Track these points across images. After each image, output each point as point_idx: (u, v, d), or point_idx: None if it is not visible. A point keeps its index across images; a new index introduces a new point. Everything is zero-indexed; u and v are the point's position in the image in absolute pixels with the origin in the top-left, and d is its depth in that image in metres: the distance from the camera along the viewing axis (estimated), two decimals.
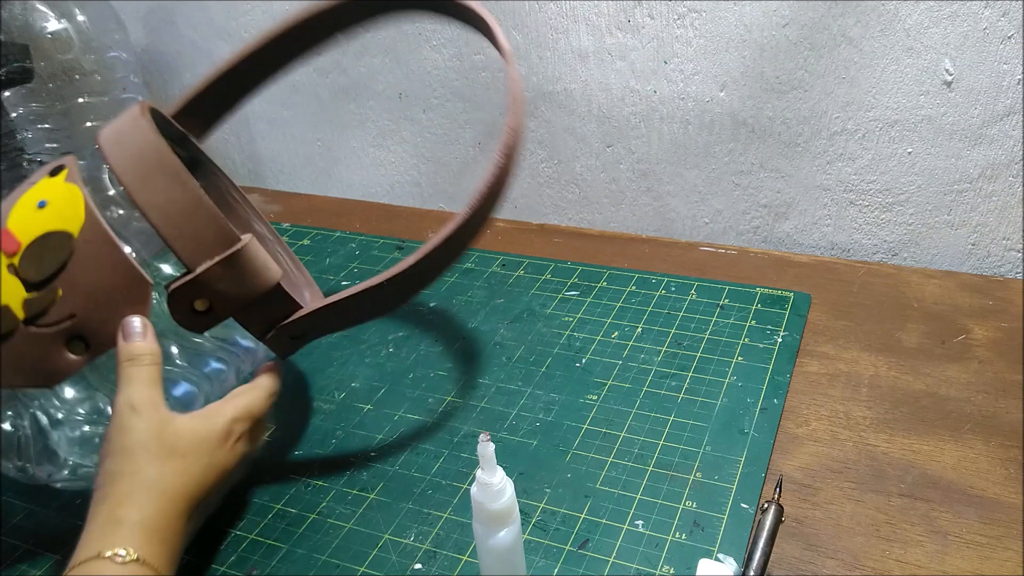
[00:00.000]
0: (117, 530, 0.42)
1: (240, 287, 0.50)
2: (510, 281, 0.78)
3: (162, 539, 0.43)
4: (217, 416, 0.49)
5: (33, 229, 0.49)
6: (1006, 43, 0.66)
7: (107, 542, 0.41)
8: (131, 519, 0.43)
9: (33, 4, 0.81)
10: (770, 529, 0.46)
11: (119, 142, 0.51)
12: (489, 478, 0.42)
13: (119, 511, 0.43)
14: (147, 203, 0.48)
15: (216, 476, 0.48)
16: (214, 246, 0.48)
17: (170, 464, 0.46)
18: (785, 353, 0.65)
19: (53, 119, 0.84)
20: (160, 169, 0.49)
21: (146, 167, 0.49)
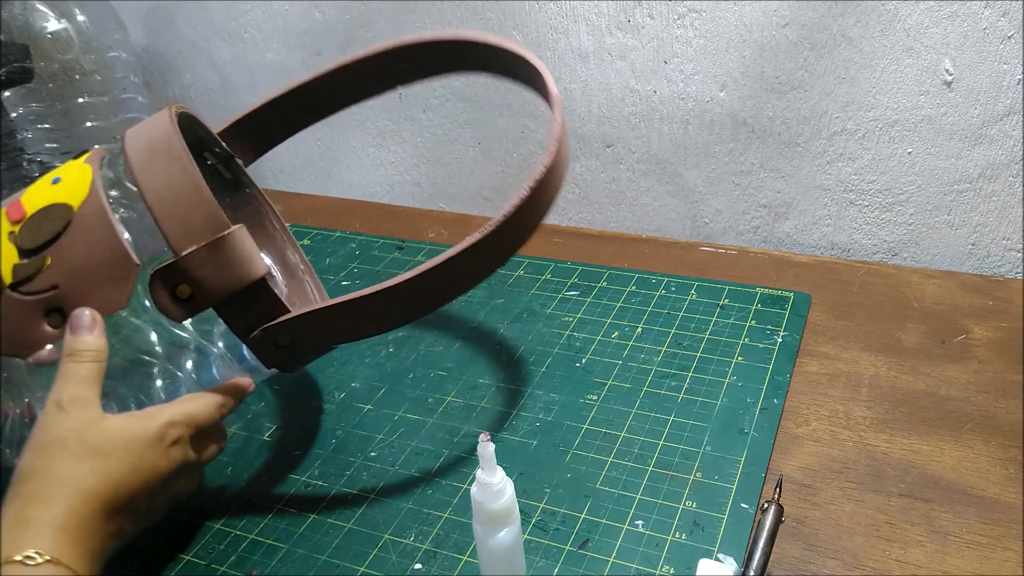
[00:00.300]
0: (27, 531, 0.41)
1: (223, 276, 0.49)
2: (510, 281, 0.78)
3: (75, 539, 0.42)
4: (152, 418, 0.48)
5: (40, 201, 0.50)
6: (1006, 43, 0.66)
7: (16, 544, 0.40)
8: (40, 519, 0.41)
9: (33, 4, 0.81)
10: (770, 529, 0.46)
11: (138, 133, 0.52)
12: (489, 478, 0.42)
13: (28, 510, 0.42)
14: (146, 183, 0.49)
15: (144, 479, 0.46)
16: (202, 232, 0.48)
17: (88, 462, 0.44)
18: (785, 353, 0.65)
19: (53, 119, 0.84)
20: (166, 153, 0.50)
21: (153, 151, 0.50)
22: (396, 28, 0.88)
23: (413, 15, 0.87)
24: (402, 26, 0.88)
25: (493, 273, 0.54)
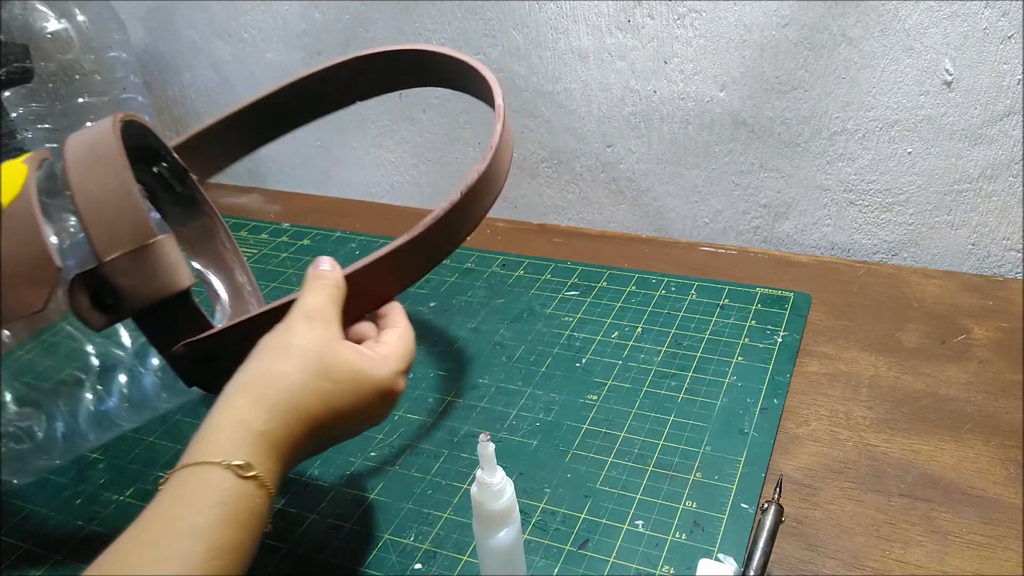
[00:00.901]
0: (241, 436, 0.39)
1: (144, 285, 0.48)
2: (510, 281, 0.78)
3: (279, 456, 0.40)
4: (384, 365, 0.46)
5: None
6: (1006, 43, 0.66)
7: (230, 447, 0.38)
8: (257, 428, 0.40)
9: (33, 4, 0.81)
10: (770, 529, 0.46)
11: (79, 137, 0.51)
12: (489, 478, 0.42)
13: (249, 414, 0.40)
14: (77, 186, 0.48)
15: (358, 421, 0.46)
16: (127, 238, 0.47)
17: (317, 382, 0.42)
18: (785, 353, 0.65)
19: (53, 119, 0.84)
20: (101, 157, 0.49)
21: (90, 154, 0.49)
22: (396, 28, 0.88)
23: (413, 15, 0.87)
24: (402, 26, 0.88)
25: (420, 279, 0.54)
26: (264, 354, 0.44)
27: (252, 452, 0.39)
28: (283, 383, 0.42)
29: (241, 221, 0.94)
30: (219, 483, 0.37)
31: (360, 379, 0.44)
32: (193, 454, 0.39)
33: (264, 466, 0.39)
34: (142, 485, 0.59)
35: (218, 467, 0.37)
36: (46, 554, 0.54)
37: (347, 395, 0.44)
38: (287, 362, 0.43)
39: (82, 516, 0.57)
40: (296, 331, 0.44)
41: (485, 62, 0.86)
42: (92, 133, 0.51)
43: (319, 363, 0.43)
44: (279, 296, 0.73)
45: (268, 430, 0.40)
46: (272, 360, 0.43)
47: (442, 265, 0.82)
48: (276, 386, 0.41)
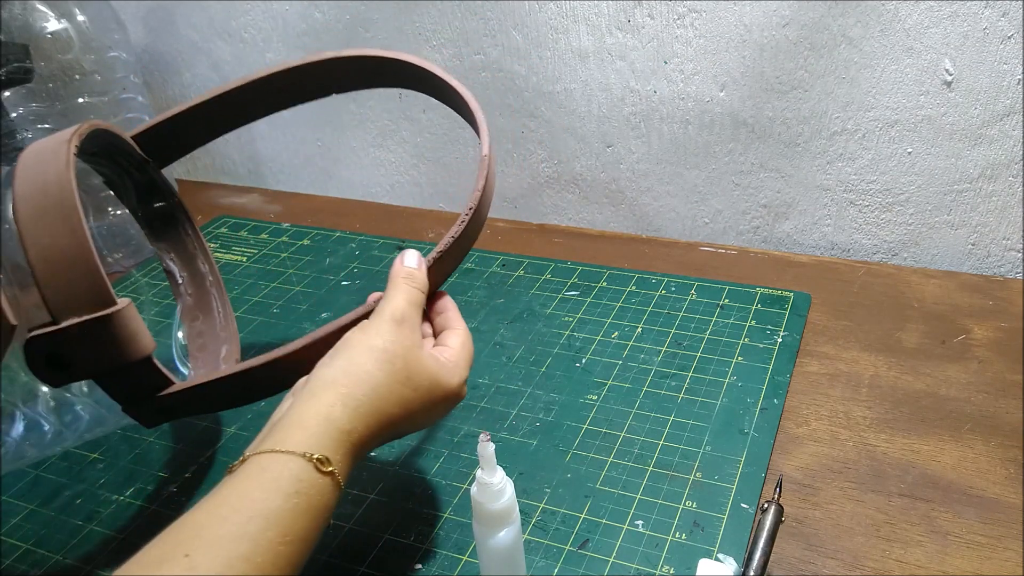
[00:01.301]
0: (327, 431, 0.40)
1: (104, 353, 0.47)
2: (510, 281, 0.78)
3: (355, 455, 0.42)
4: (456, 372, 0.47)
5: None
6: (1006, 43, 0.66)
7: (315, 441, 0.39)
8: (342, 426, 0.41)
9: (33, 4, 0.81)
10: (770, 529, 0.46)
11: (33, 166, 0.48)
12: (489, 478, 0.42)
13: (337, 411, 0.41)
14: (30, 239, 0.45)
15: (426, 422, 0.47)
16: (86, 302, 0.45)
17: (401, 389, 0.44)
18: (785, 353, 0.65)
19: (53, 119, 0.84)
20: (56, 207, 0.46)
21: (44, 201, 0.46)
22: (396, 28, 0.88)
23: (413, 15, 0.87)
24: (402, 26, 0.88)
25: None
26: (354, 353, 0.44)
27: (335, 449, 0.40)
28: (370, 385, 0.43)
29: (241, 221, 0.94)
30: (298, 473, 0.38)
31: (436, 387, 0.46)
32: (277, 440, 0.39)
33: (342, 463, 0.40)
34: (142, 485, 0.59)
35: (300, 458, 0.38)
36: (46, 554, 0.54)
37: (423, 402, 0.45)
38: (376, 365, 0.43)
39: (82, 516, 0.57)
40: (385, 334, 0.45)
41: (485, 62, 0.86)
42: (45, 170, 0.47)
43: (405, 370, 0.44)
44: (277, 294, 0.73)
45: (352, 429, 0.41)
46: (363, 360, 0.44)
47: None
48: (364, 387, 0.42)
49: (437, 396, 0.46)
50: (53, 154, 0.48)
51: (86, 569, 0.53)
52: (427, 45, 0.88)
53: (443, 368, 0.47)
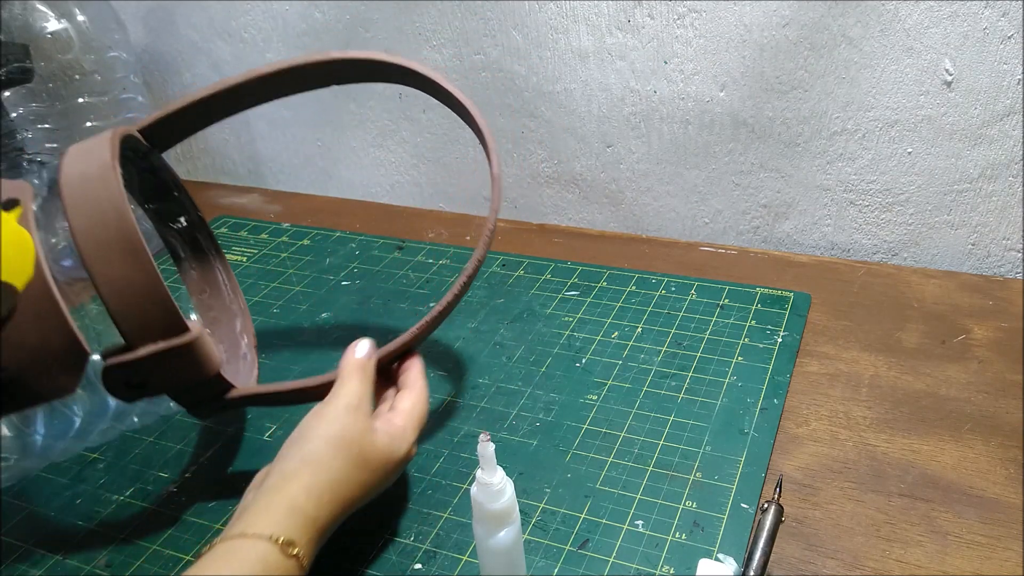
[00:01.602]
0: (294, 517, 0.43)
1: (179, 375, 0.50)
2: (510, 281, 0.78)
3: (319, 540, 0.44)
4: (404, 439, 0.50)
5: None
6: (1006, 43, 0.66)
7: (282, 526, 0.42)
8: (308, 513, 0.43)
9: (33, 4, 0.81)
10: (770, 529, 0.46)
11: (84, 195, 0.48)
12: (489, 478, 0.42)
13: (302, 499, 0.44)
14: (100, 274, 0.47)
15: (382, 489, 0.50)
16: (160, 332, 0.48)
17: (359, 473, 0.47)
18: (785, 353, 0.65)
19: (53, 119, 0.84)
20: (121, 242, 0.47)
21: (106, 236, 0.47)
22: (396, 28, 0.88)
23: (413, 15, 0.87)
24: (402, 26, 0.88)
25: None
26: (313, 443, 0.47)
27: (300, 533, 0.42)
28: (330, 474, 0.45)
29: (241, 221, 0.94)
30: (265, 555, 0.41)
31: (390, 461, 0.49)
32: (246, 525, 0.42)
33: (306, 548, 0.43)
34: (142, 485, 0.59)
35: (267, 541, 0.41)
36: (46, 554, 0.54)
37: (379, 477, 0.48)
38: (333, 454, 0.46)
39: (82, 516, 0.57)
40: (341, 421, 0.48)
41: (485, 62, 0.86)
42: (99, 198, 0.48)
43: (360, 455, 0.47)
44: (277, 294, 0.73)
45: (317, 516, 0.44)
46: (322, 451, 0.46)
47: (442, 265, 0.82)
48: (324, 476, 0.45)
49: (391, 468, 0.49)
50: (102, 182, 0.49)
51: (86, 569, 0.53)
52: (427, 45, 0.88)
53: (393, 440, 0.49)
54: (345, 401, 0.49)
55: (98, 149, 0.51)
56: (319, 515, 0.44)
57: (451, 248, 0.84)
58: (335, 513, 0.45)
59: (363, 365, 0.52)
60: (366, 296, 0.78)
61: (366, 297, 0.78)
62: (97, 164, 0.49)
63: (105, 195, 0.48)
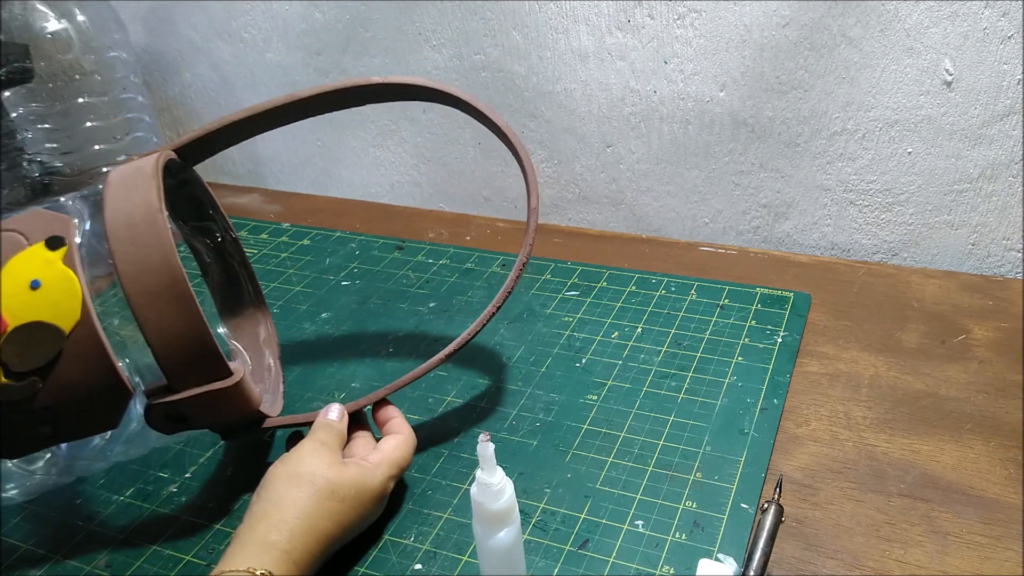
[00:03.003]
0: (268, 552, 0.45)
1: (220, 414, 0.51)
2: None
3: (302, 567, 0.46)
4: (376, 472, 0.51)
5: (23, 312, 0.47)
6: (1006, 43, 0.66)
7: (257, 560, 0.44)
8: (281, 547, 0.45)
9: (33, 4, 0.81)
10: (770, 529, 0.46)
11: (132, 241, 0.48)
12: (489, 478, 0.42)
13: (273, 535, 0.45)
14: (147, 321, 0.47)
15: (362, 524, 0.51)
16: (203, 376, 0.49)
17: (328, 504, 0.48)
18: (785, 353, 0.65)
19: (53, 119, 0.84)
20: (169, 290, 0.47)
21: (155, 284, 0.47)
22: (396, 28, 0.88)
23: (413, 15, 0.87)
24: (402, 26, 0.88)
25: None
26: (278, 485, 0.48)
27: (277, 566, 0.44)
28: (299, 508, 0.47)
29: (241, 221, 0.94)
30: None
31: (363, 492, 0.50)
32: (224, 565, 0.44)
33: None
34: (142, 485, 0.59)
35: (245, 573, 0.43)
36: (46, 554, 0.54)
37: (353, 510, 0.49)
38: (299, 490, 0.48)
39: (82, 516, 0.57)
40: (304, 460, 0.50)
41: (485, 62, 0.86)
42: (147, 244, 0.48)
43: (328, 486, 0.48)
44: (277, 294, 0.74)
45: (291, 548, 0.45)
46: (287, 489, 0.48)
47: (442, 265, 0.82)
48: (293, 511, 0.47)
49: (365, 499, 0.50)
50: (150, 227, 0.49)
51: (86, 569, 0.53)
52: (427, 45, 0.88)
53: (365, 471, 0.51)
54: (309, 444, 0.51)
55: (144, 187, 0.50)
56: (293, 547, 0.45)
57: (451, 248, 0.84)
58: (311, 544, 0.46)
59: (331, 426, 0.54)
60: (366, 296, 0.78)
61: (366, 297, 0.78)
62: (144, 208, 0.49)
63: (154, 241, 0.48)
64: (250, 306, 0.67)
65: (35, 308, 0.47)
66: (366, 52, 0.92)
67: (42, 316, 0.46)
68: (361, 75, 0.94)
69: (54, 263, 0.47)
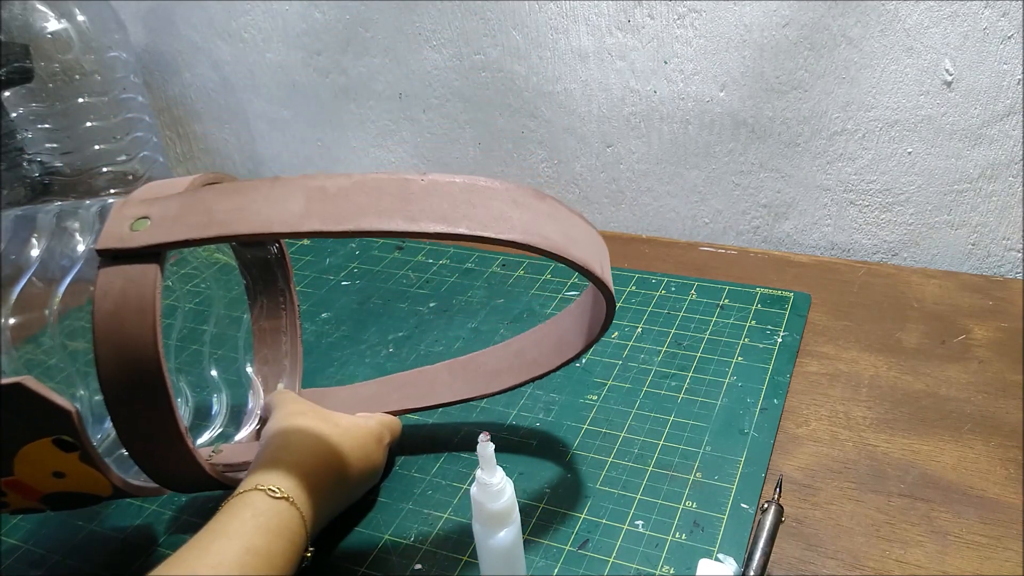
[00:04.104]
0: (275, 469, 0.46)
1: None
2: (510, 281, 0.78)
3: (311, 486, 0.46)
4: (368, 417, 0.54)
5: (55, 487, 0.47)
6: (1006, 43, 0.66)
7: (265, 478, 0.45)
8: (287, 461, 0.47)
9: (33, 4, 0.81)
10: (770, 529, 0.46)
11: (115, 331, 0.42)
12: (489, 478, 0.42)
13: (280, 454, 0.47)
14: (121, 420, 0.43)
15: (363, 465, 0.52)
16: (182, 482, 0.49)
17: (326, 425, 0.50)
18: (785, 353, 0.65)
19: (53, 119, 0.84)
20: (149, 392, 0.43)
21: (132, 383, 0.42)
22: (396, 28, 0.88)
23: (413, 15, 0.87)
24: (402, 26, 0.88)
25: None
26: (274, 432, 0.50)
27: (284, 480, 0.45)
28: (299, 432, 0.49)
29: None
30: (254, 501, 0.44)
31: (356, 423, 0.52)
32: (239, 487, 0.46)
33: (295, 492, 0.45)
34: None
35: (255, 491, 0.44)
36: (46, 554, 0.54)
37: (355, 440, 0.51)
38: (294, 421, 0.50)
39: (82, 516, 0.57)
40: (289, 409, 0.52)
41: (485, 62, 0.86)
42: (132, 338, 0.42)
43: (318, 416, 0.51)
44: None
45: (299, 460, 0.47)
46: (284, 430, 0.50)
47: (442, 265, 0.82)
48: (294, 436, 0.49)
49: (362, 433, 0.52)
50: (139, 315, 0.42)
51: (86, 569, 0.53)
52: (427, 45, 0.88)
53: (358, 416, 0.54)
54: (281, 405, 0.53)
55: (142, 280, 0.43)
56: (300, 459, 0.47)
57: (451, 248, 0.84)
58: (319, 459, 0.48)
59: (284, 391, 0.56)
60: (366, 296, 0.78)
61: (366, 297, 0.78)
62: (137, 297, 0.42)
63: (140, 343, 0.42)
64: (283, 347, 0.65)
65: (66, 486, 0.47)
66: (366, 52, 0.92)
67: (75, 490, 0.47)
68: (361, 75, 0.94)
69: (72, 462, 0.45)
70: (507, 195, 0.44)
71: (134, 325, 0.42)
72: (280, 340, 0.62)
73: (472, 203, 0.43)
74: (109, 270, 0.42)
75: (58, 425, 0.43)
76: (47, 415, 0.43)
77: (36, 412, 0.43)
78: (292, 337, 0.63)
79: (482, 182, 0.44)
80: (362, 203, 0.42)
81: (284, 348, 0.62)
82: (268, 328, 0.62)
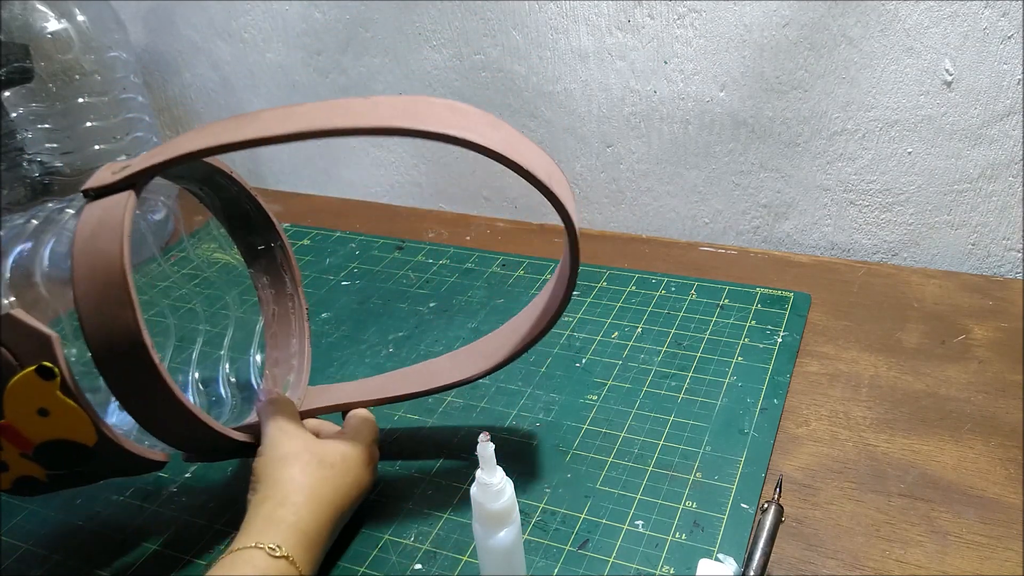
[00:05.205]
0: (275, 528, 0.46)
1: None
2: (510, 281, 0.78)
3: (310, 542, 0.47)
4: (358, 439, 0.53)
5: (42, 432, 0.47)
6: (1006, 43, 0.66)
7: (264, 536, 0.45)
8: (287, 520, 0.46)
9: (33, 4, 0.81)
10: (770, 529, 0.46)
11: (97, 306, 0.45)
12: (489, 478, 0.42)
13: (279, 512, 0.47)
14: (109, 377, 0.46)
15: (358, 492, 0.52)
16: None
17: (320, 472, 0.50)
18: (785, 353, 0.65)
19: (53, 119, 0.84)
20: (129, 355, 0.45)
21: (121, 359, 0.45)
22: (395, 28, 0.88)
23: (413, 15, 0.87)
24: (402, 26, 0.88)
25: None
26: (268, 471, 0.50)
27: (284, 538, 0.46)
28: (295, 485, 0.49)
29: None
30: (254, 559, 0.44)
31: (348, 456, 0.52)
32: (237, 544, 0.46)
33: (296, 549, 0.46)
34: (142, 485, 0.59)
35: (255, 548, 0.45)
36: (46, 554, 0.54)
37: (345, 474, 0.51)
38: (290, 468, 0.49)
39: (82, 516, 0.57)
40: (280, 443, 0.51)
41: (485, 62, 0.86)
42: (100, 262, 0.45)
43: (314, 457, 0.50)
44: None
45: (298, 519, 0.47)
46: (277, 472, 0.49)
47: (442, 265, 0.82)
48: (290, 487, 0.48)
49: (352, 464, 0.52)
50: (111, 232, 0.46)
51: (86, 569, 0.53)
52: (427, 45, 0.88)
53: (346, 439, 0.53)
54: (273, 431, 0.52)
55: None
56: (299, 518, 0.47)
57: (451, 248, 0.84)
58: (315, 513, 0.48)
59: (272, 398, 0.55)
60: (366, 296, 0.78)
61: (366, 297, 0.78)
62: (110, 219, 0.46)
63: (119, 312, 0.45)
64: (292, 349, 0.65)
65: (52, 429, 0.47)
66: (366, 52, 0.92)
67: (62, 435, 0.48)
68: (361, 75, 0.94)
69: (53, 394, 0.46)
70: (448, 106, 0.48)
71: (106, 242, 0.45)
72: (290, 342, 0.63)
73: (416, 112, 0.46)
74: (91, 204, 0.47)
75: (41, 351, 0.46)
76: (32, 341, 0.46)
77: (22, 339, 0.46)
78: (301, 338, 0.63)
79: (428, 98, 0.48)
80: (311, 116, 0.46)
81: (293, 349, 0.63)
82: (279, 332, 0.63)
